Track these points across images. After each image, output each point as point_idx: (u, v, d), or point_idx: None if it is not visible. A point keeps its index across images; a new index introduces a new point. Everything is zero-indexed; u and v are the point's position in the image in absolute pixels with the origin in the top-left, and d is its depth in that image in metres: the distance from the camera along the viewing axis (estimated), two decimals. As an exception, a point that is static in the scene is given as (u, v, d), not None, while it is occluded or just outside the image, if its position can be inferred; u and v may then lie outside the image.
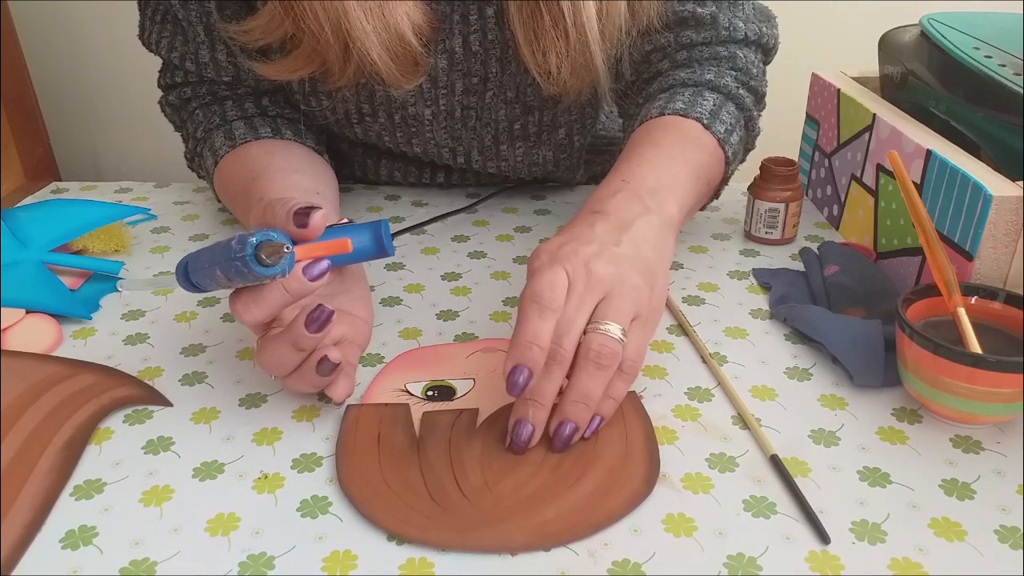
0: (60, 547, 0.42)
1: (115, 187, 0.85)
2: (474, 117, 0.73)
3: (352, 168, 0.85)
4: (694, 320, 0.61)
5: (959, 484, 0.46)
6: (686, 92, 0.66)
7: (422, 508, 0.43)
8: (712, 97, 0.66)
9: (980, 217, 0.55)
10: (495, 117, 0.74)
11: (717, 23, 0.69)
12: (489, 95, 0.72)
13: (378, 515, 0.43)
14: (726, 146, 0.64)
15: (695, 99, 0.65)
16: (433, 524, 0.42)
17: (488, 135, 0.75)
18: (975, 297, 0.53)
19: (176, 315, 0.62)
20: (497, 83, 0.71)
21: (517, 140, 0.76)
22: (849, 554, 0.41)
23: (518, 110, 0.73)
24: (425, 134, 0.74)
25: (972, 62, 0.62)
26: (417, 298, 0.65)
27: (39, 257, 0.64)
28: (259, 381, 0.54)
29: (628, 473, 0.46)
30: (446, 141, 0.75)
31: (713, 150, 0.63)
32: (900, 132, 0.64)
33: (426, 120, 0.73)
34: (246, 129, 0.70)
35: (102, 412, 0.51)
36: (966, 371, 0.47)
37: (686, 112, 0.63)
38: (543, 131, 0.76)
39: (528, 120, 0.75)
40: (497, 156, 0.77)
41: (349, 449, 0.47)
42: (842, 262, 0.65)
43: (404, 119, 0.72)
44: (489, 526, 0.42)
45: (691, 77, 0.67)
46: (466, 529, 0.42)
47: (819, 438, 0.49)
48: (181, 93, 0.73)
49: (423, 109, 0.72)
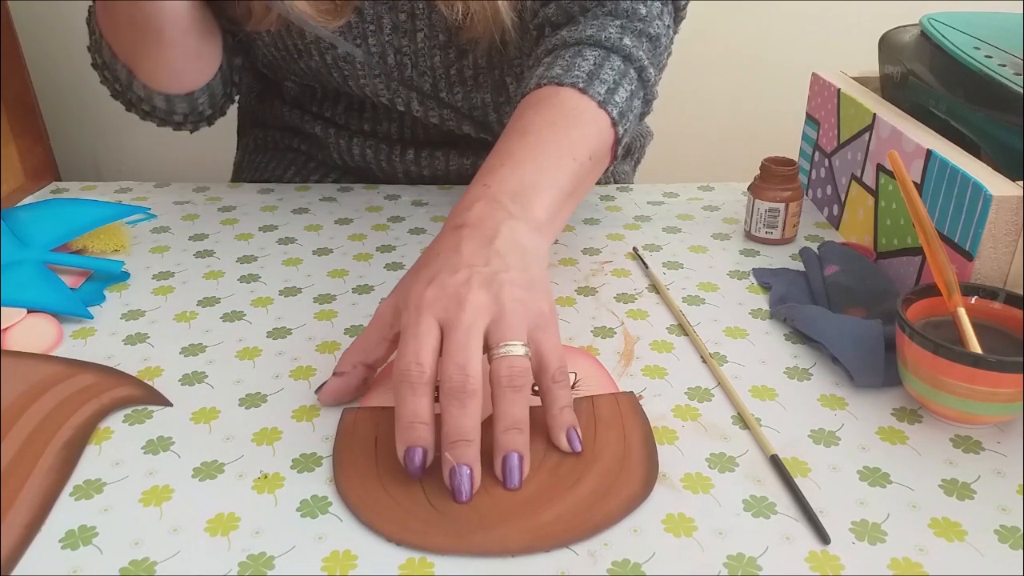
0: (60, 547, 0.42)
1: (115, 187, 0.85)
2: (409, 65, 0.73)
3: (329, 152, 0.86)
4: (694, 320, 0.61)
5: (959, 484, 0.46)
6: (566, 54, 0.63)
7: (420, 513, 0.43)
8: (592, 55, 0.63)
9: (980, 217, 0.55)
10: (431, 64, 0.73)
11: None
12: (420, 37, 0.71)
13: (376, 521, 0.43)
14: (610, 107, 0.61)
15: (573, 61, 0.63)
16: (431, 529, 0.42)
17: (427, 83, 0.75)
18: (975, 297, 0.53)
19: (176, 315, 0.62)
20: (426, 22, 0.70)
21: (455, 85, 0.76)
22: (849, 554, 0.41)
23: (452, 54, 0.73)
24: (359, 78, 0.74)
25: (972, 62, 0.62)
26: (417, 298, 0.65)
27: (39, 257, 0.64)
28: (259, 381, 0.54)
29: (626, 475, 0.46)
30: (381, 89, 0.75)
31: (592, 117, 0.61)
32: (900, 132, 0.64)
33: (356, 62, 0.72)
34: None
35: (102, 412, 0.51)
36: (966, 371, 0.47)
37: (560, 79, 0.61)
38: (479, 73, 0.75)
39: (464, 63, 0.74)
40: (438, 103, 0.77)
41: (346, 454, 0.47)
42: (842, 262, 0.65)
43: (335, 59, 0.72)
44: (487, 529, 0.42)
45: (572, 35, 0.65)
46: (464, 532, 0.42)
47: (819, 438, 0.49)
48: None
49: (353, 49, 0.71)
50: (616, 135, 0.63)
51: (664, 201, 0.83)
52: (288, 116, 0.86)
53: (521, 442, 0.45)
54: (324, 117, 0.84)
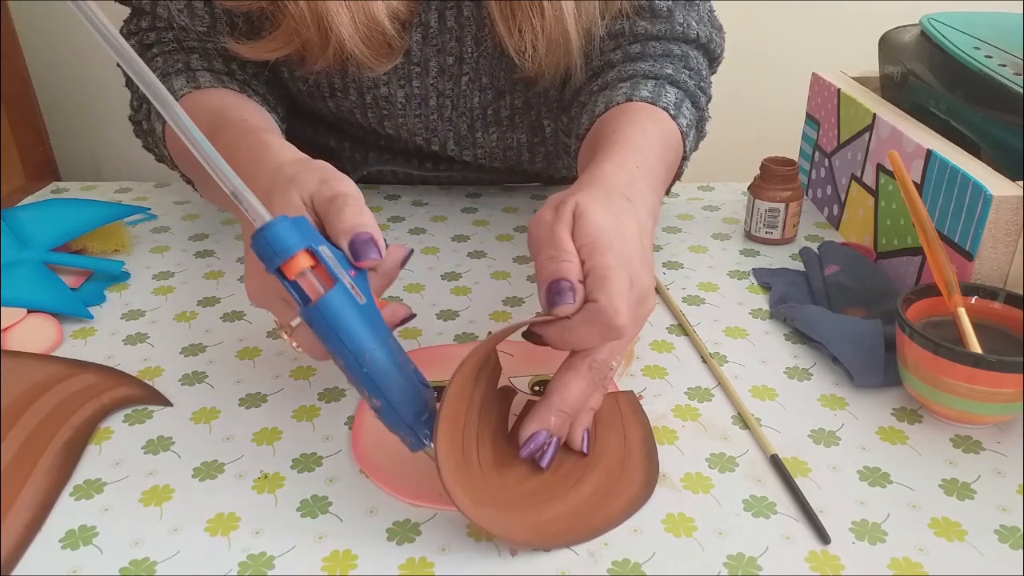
0: (60, 547, 0.42)
1: (115, 187, 0.85)
2: (449, 107, 0.73)
3: (342, 162, 0.84)
4: (694, 320, 0.61)
5: (959, 484, 0.46)
6: (649, 83, 0.65)
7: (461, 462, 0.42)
8: (673, 91, 0.65)
9: (980, 217, 0.55)
10: (470, 105, 0.73)
11: (673, 17, 0.68)
12: (464, 80, 0.71)
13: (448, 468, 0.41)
14: (686, 141, 0.63)
15: (659, 90, 0.64)
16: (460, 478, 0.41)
17: (464, 124, 0.75)
18: (975, 297, 0.53)
19: (176, 315, 0.62)
20: (473, 66, 0.71)
21: (491, 125, 0.76)
22: (849, 554, 0.41)
23: (491, 95, 0.73)
24: (397, 118, 0.73)
25: (972, 62, 0.62)
26: (417, 298, 0.65)
27: (39, 257, 0.64)
28: (259, 381, 0.54)
29: (627, 477, 0.45)
30: (419, 129, 0.75)
31: (676, 143, 0.62)
32: (900, 132, 0.64)
33: (399, 103, 0.72)
34: (212, 79, 0.65)
35: (102, 412, 0.51)
36: (966, 371, 0.47)
37: (654, 101, 0.62)
38: (515, 114, 0.75)
39: (500, 104, 0.74)
40: (473, 144, 0.77)
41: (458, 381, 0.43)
42: (842, 262, 0.65)
43: (376, 99, 0.72)
44: (497, 510, 0.42)
45: (652, 70, 0.66)
46: (480, 502, 0.41)
47: (819, 438, 0.49)
48: (143, 38, 0.67)
49: (396, 90, 0.71)
50: (680, 168, 0.65)
51: (664, 201, 0.83)
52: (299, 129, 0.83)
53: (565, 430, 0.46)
54: (340, 130, 0.82)
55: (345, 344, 0.40)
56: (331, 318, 0.40)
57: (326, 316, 0.40)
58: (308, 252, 0.40)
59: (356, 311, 0.40)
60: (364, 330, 0.40)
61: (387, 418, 0.42)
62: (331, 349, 0.41)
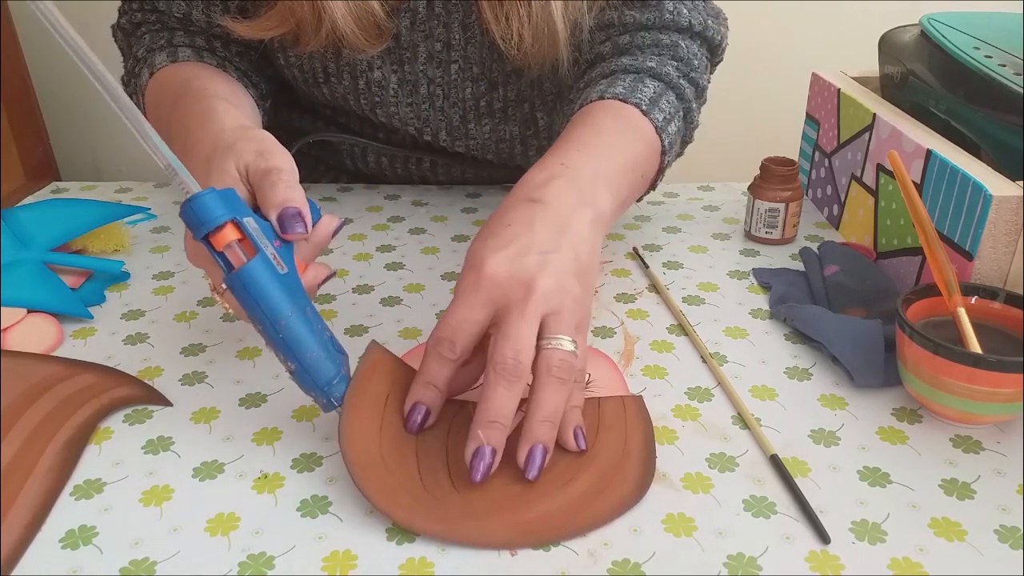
0: (60, 547, 0.42)
1: (115, 187, 0.85)
2: (441, 96, 0.74)
3: (341, 157, 0.85)
4: (694, 320, 0.61)
5: (959, 484, 0.46)
6: (627, 78, 0.65)
7: (411, 488, 0.43)
8: (653, 84, 0.65)
9: (980, 217, 0.55)
10: (462, 96, 0.74)
11: (662, 4, 0.68)
12: (454, 68, 0.72)
13: (369, 487, 0.43)
14: (663, 135, 0.63)
15: (636, 85, 0.64)
16: (420, 508, 0.42)
17: (456, 114, 0.75)
18: (975, 297, 0.53)
19: (176, 315, 0.62)
20: (461, 53, 0.71)
21: (483, 117, 0.76)
22: (849, 554, 0.41)
23: (483, 87, 0.73)
24: (389, 105, 0.74)
25: (972, 62, 0.62)
26: (417, 298, 0.65)
27: (39, 257, 0.64)
28: (259, 381, 0.54)
29: (621, 477, 0.45)
30: (411, 118, 0.75)
31: (651, 139, 0.62)
32: (900, 132, 0.64)
33: (391, 88, 0.73)
34: (192, 54, 0.69)
35: (102, 412, 0.51)
36: (966, 371, 0.47)
37: (626, 97, 0.62)
38: (508, 107, 0.76)
39: (493, 96, 0.75)
40: (466, 135, 0.77)
41: (357, 401, 0.46)
42: (842, 262, 0.65)
43: (368, 84, 0.72)
44: (474, 519, 0.42)
45: (632, 64, 0.66)
46: (451, 519, 0.42)
47: (819, 438, 0.49)
48: (132, 17, 0.73)
49: (388, 74, 0.72)
50: (661, 163, 0.65)
51: (664, 201, 0.83)
52: (298, 122, 0.84)
53: (551, 436, 0.45)
54: (338, 123, 0.82)
55: (263, 310, 0.44)
56: (250, 286, 0.43)
57: (245, 284, 0.43)
58: (234, 223, 0.44)
59: (275, 280, 0.44)
60: (282, 298, 0.44)
61: (300, 380, 0.45)
62: (250, 314, 0.44)
